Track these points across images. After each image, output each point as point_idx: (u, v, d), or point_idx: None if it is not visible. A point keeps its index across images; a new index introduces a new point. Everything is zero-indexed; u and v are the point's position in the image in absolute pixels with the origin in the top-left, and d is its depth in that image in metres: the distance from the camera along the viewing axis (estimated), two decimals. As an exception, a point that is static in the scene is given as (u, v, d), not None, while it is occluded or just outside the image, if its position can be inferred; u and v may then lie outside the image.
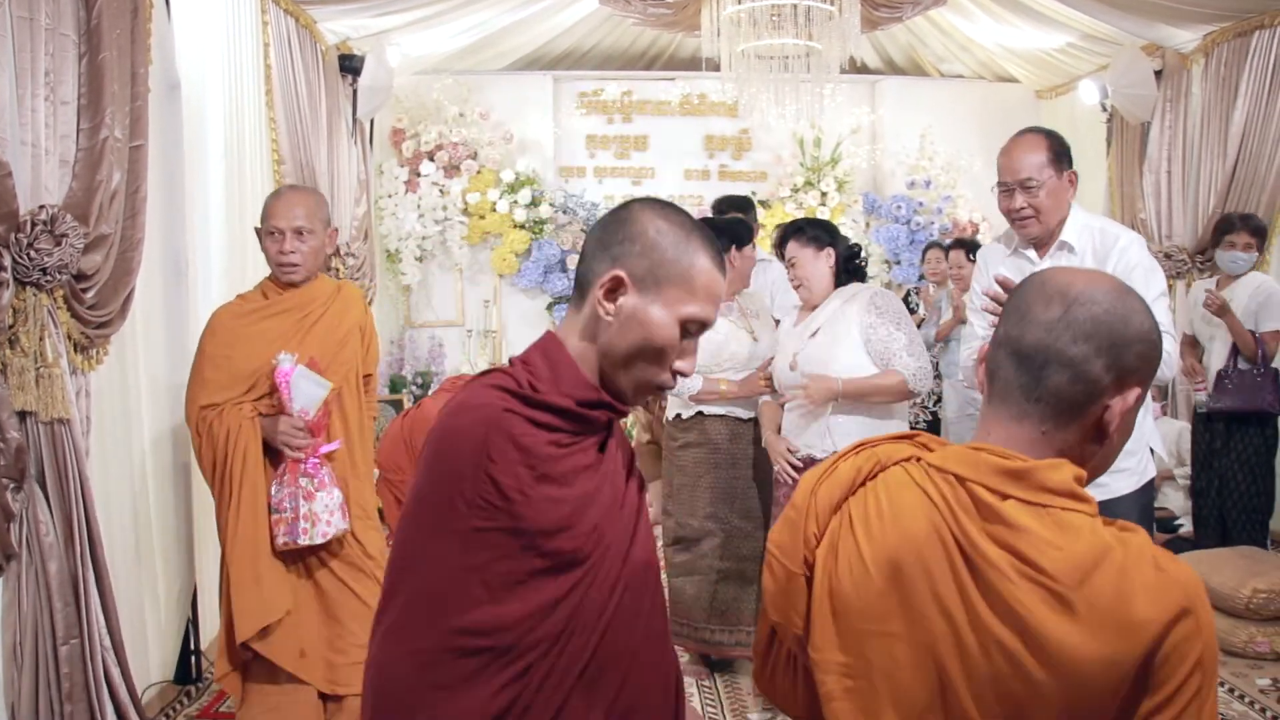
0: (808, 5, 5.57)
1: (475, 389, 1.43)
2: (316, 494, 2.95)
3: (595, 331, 1.46)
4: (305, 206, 3.03)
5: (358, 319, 3.20)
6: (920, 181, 8.01)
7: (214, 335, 3.02)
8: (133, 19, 3.31)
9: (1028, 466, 1.23)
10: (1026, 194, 2.88)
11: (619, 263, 1.44)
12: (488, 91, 7.86)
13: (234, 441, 2.91)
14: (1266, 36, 5.66)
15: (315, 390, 2.93)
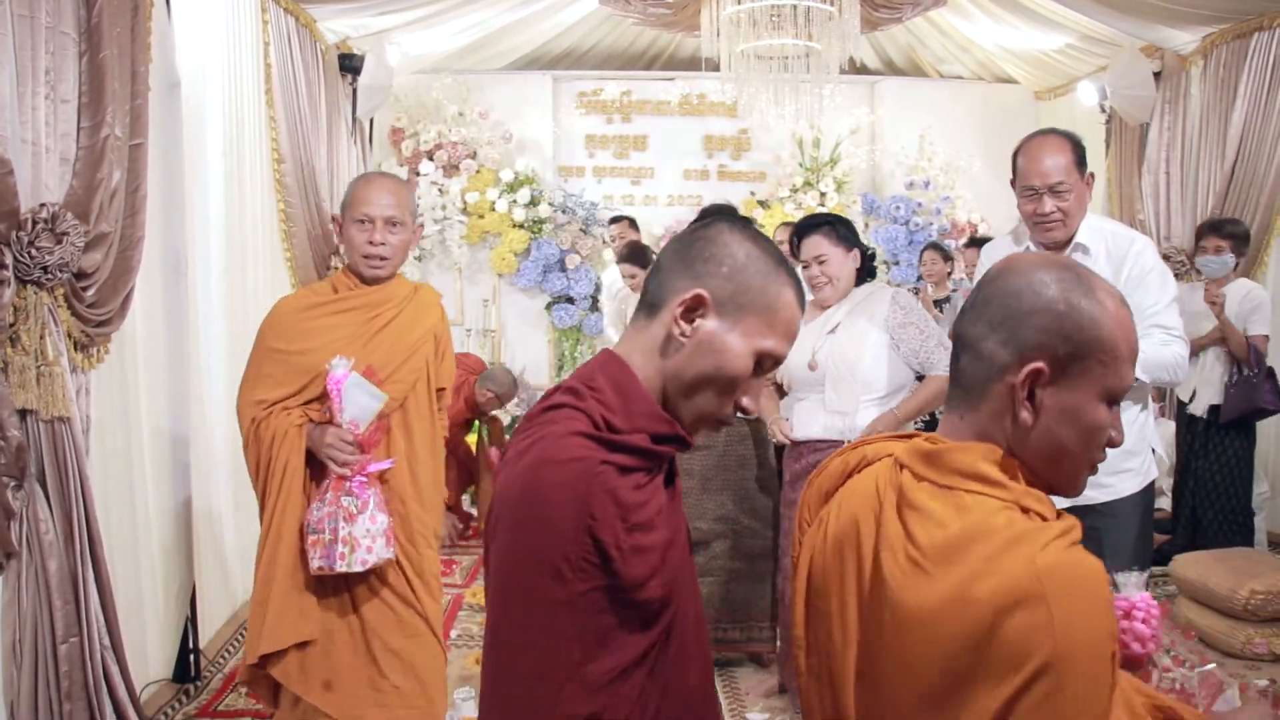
0: (807, 6, 5.58)
1: (557, 438, 1.28)
2: (358, 517, 2.65)
3: (664, 352, 1.36)
4: (397, 195, 2.78)
5: (433, 325, 2.91)
6: (919, 182, 8.02)
7: (273, 327, 2.78)
8: (133, 17, 3.31)
9: (937, 449, 1.26)
10: (1056, 198, 2.82)
11: (701, 281, 1.34)
12: (487, 91, 7.87)
13: (277, 449, 2.68)
14: (1265, 38, 5.67)
15: (368, 401, 2.65)
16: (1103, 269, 2.85)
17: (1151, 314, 2.81)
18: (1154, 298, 2.82)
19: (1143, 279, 2.81)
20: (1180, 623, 4.48)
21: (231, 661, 4.14)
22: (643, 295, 1.41)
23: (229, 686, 3.90)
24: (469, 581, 5.23)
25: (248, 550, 4.73)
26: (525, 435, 1.32)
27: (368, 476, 2.69)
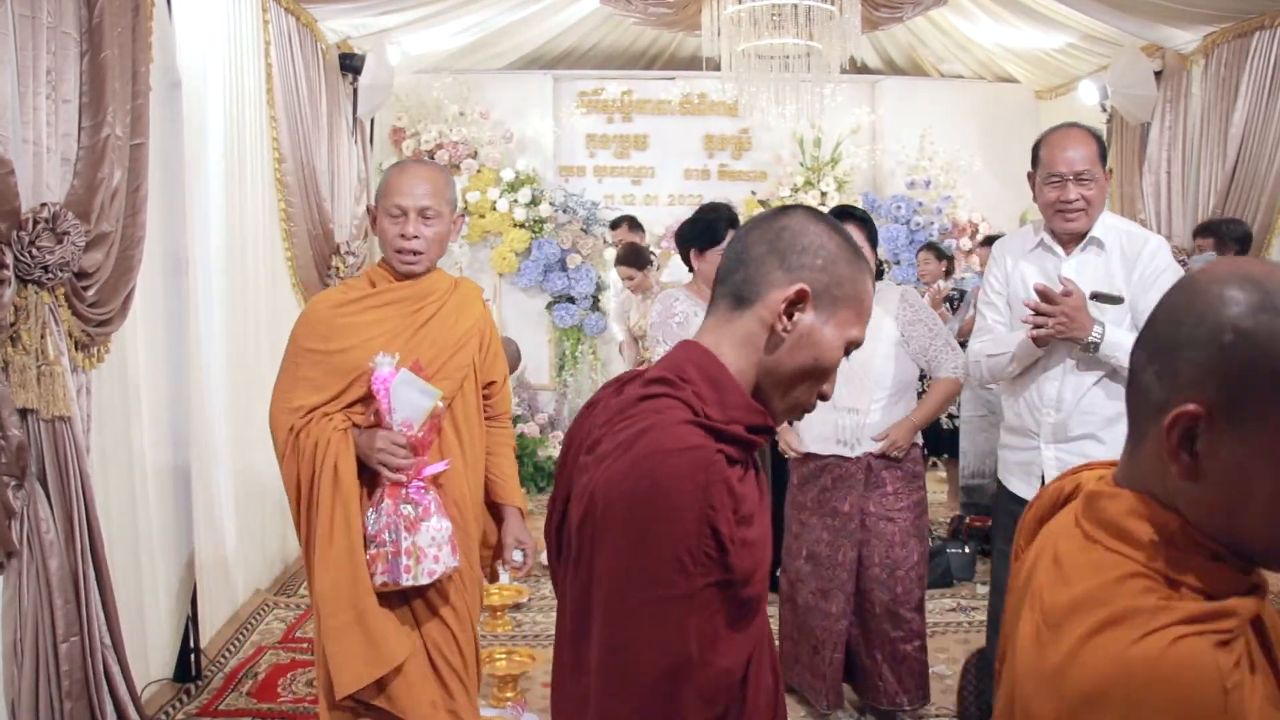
0: (808, 5, 5.58)
1: (669, 427, 1.22)
2: (421, 524, 2.43)
3: (759, 346, 1.33)
4: (432, 184, 2.57)
5: (477, 319, 2.72)
6: (920, 181, 8.02)
7: (307, 326, 2.59)
8: (134, 17, 3.31)
9: (1094, 491, 1.08)
10: (1080, 185, 2.83)
11: (799, 275, 1.32)
12: (488, 90, 7.87)
13: (323, 457, 2.44)
14: (1266, 37, 5.66)
15: (420, 399, 2.42)
16: (1116, 267, 2.86)
17: None
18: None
19: (1155, 280, 2.82)
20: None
21: (232, 661, 4.15)
22: (724, 286, 1.38)
23: (230, 686, 3.90)
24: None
25: (248, 550, 4.77)
26: (622, 427, 1.26)
27: (425, 480, 2.48)
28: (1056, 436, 2.89)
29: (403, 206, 2.55)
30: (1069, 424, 2.86)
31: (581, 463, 1.30)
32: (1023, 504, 2.92)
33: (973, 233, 7.98)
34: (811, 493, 3.55)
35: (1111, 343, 2.72)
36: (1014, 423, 3.04)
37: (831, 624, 3.48)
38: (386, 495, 2.46)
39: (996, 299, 3.07)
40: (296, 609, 4.77)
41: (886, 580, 3.47)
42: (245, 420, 4.73)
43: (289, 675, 3.99)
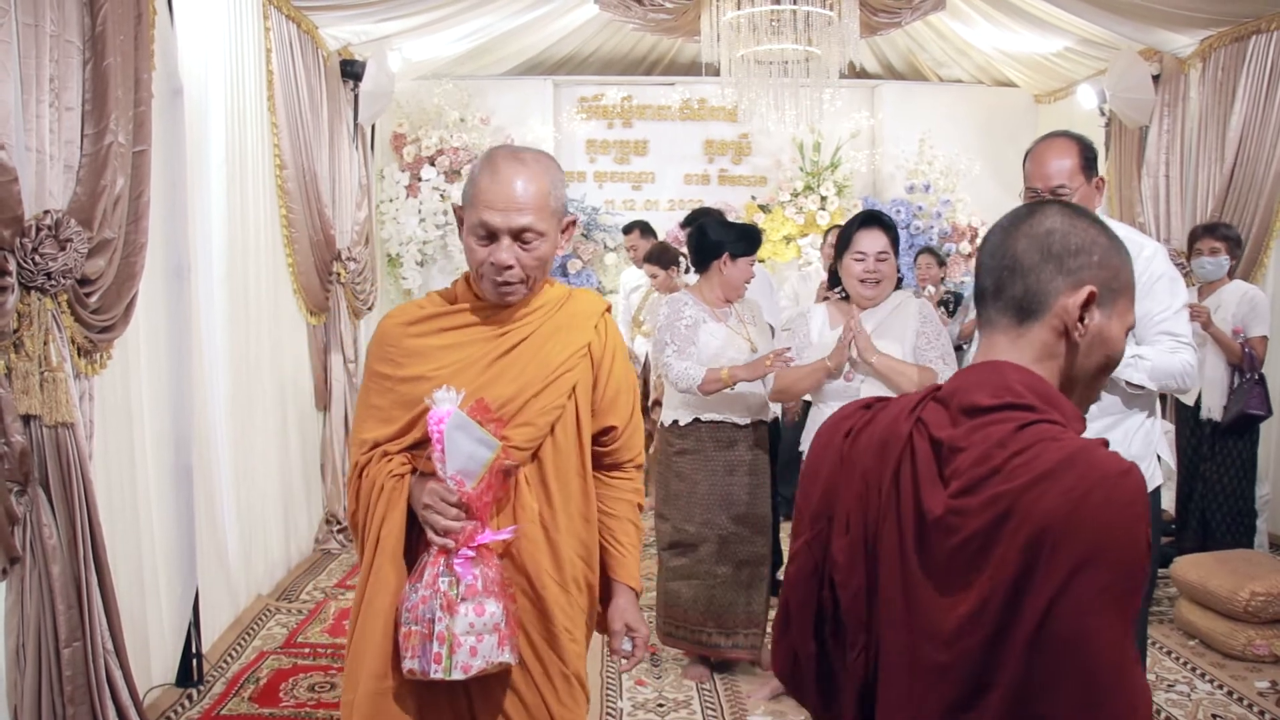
0: (807, 11, 5.60)
1: (1092, 452, 1.18)
2: (459, 606, 1.94)
3: (1058, 355, 1.32)
4: (536, 195, 1.99)
5: (586, 344, 2.15)
6: (919, 186, 8.04)
7: (377, 345, 2.15)
8: (136, 25, 3.33)
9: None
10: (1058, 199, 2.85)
11: (1082, 277, 1.30)
12: (488, 96, 7.90)
13: (372, 506, 2.04)
14: (1263, 41, 5.68)
15: (476, 450, 1.96)
16: None
17: (1160, 321, 2.80)
18: (1163, 304, 2.80)
19: (1151, 286, 2.79)
20: (1180, 624, 4.49)
21: (234, 666, 4.15)
22: (998, 300, 1.35)
23: (232, 691, 3.91)
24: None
25: (250, 555, 4.78)
26: (1022, 457, 1.20)
27: (476, 550, 2.00)
28: None
29: (492, 227, 1.98)
30: None
31: (926, 500, 1.25)
32: None
33: (972, 237, 8.00)
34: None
35: None
36: None
37: None
38: (429, 563, 2.00)
39: None
40: (298, 614, 4.78)
41: None
42: (247, 426, 4.75)
43: (291, 680, 4.00)
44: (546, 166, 2.05)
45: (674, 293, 6.02)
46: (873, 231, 3.49)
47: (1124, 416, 2.84)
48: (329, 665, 4.16)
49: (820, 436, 1.44)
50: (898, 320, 3.54)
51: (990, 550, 1.17)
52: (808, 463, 1.46)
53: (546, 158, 2.07)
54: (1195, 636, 4.39)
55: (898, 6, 5.95)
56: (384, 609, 2.01)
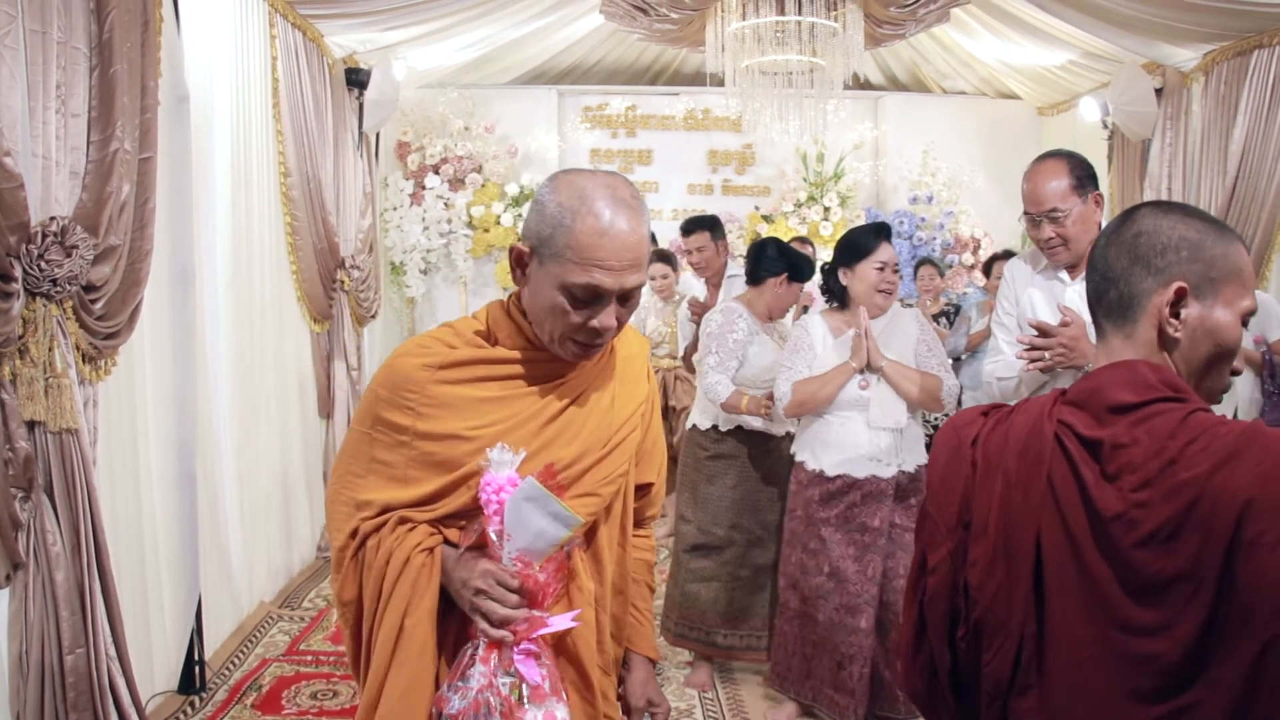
0: (812, 22, 5.61)
1: (1261, 427, 1.25)
2: (526, 711, 1.61)
3: (1166, 351, 1.37)
4: (644, 240, 1.64)
5: (644, 395, 1.88)
6: (923, 197, 8.05)
7: (391, 388, 1.71)
8: (143, 32, 3.34)
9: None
10: (1053, 224, 2.83)
11: (1169, 274, 1.36)
12: (493, 105, 7.92)
13: (389, 589, 1.63)
14: (1265, 55, 5.69)
15: (550, 527, 1.60)
16: None
17: None
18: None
19: None
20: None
21: (237, 673, 4.15)
22: (1100, 308, 1.42)
23: (234, 698, 3.90)
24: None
25: (253, 561, 4.78)
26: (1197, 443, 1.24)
27: (538, 644, 1.65)
28: None
29: (603, 290, 1.61)
30: None
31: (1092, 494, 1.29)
32: None
33: (975, 248, 8.00)
34: (837, 509, 3.54)
35: None
36: None
37: (861, 639, 3.49)
38: (480, 659, 1.63)
39: (1008, 320, 3.10)
40: (301, 621, 4.78)
41: None
42: (251, 434, 4.76)
43: (293, 687, 4.00)
44: (642, 199, 1.68)
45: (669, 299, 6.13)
46: (887, 244, 3.58)
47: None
48: (331, 673, 4.15)
49: (945, 447, 1.48)
50: (897, 329, 3.63)
51: (1181, 537, 1.21)
52: (936, 475, 1.49)
53: (634, 186, 1.69)
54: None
55: (902, 18, 5.96)
56: (412, 708, 1.61)
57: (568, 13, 6.56)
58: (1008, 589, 1.35)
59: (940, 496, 1.46)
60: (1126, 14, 5.64)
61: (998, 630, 1.36)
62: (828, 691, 3.55)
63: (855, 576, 3.49)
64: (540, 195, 1.65)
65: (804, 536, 3.60)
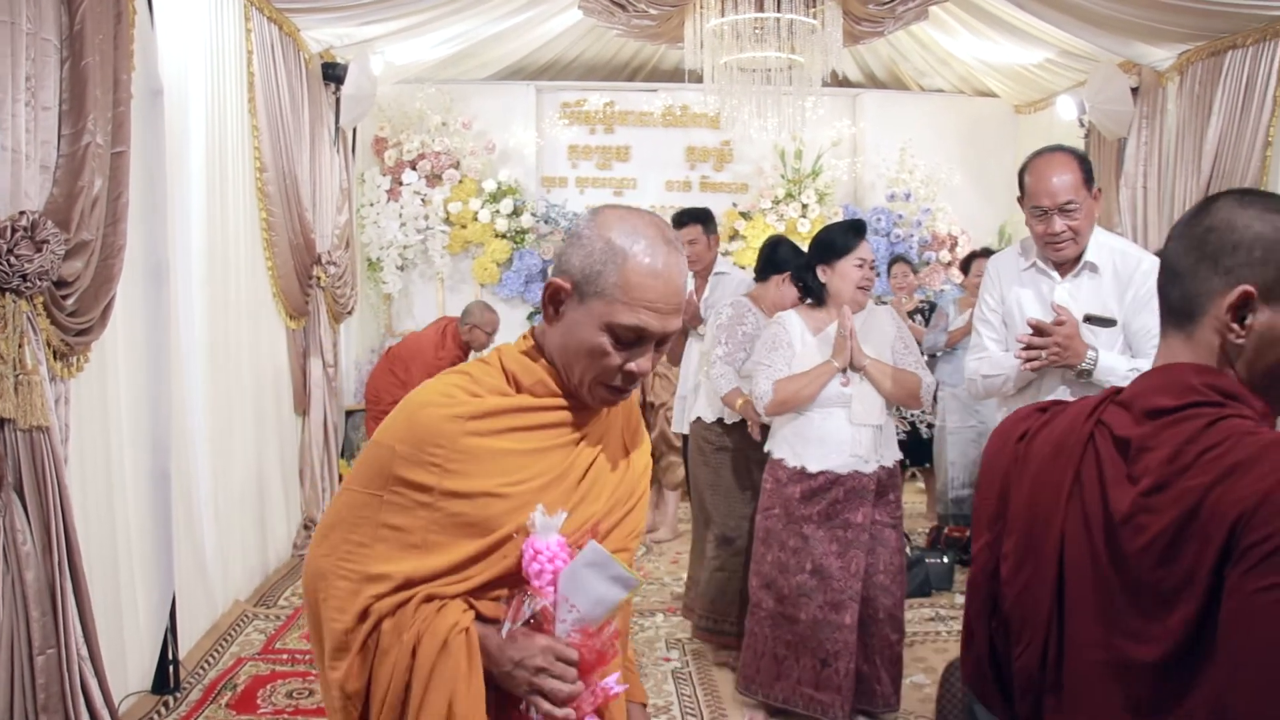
0: (790, 19, 5.61)
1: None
2: None
3: (1227, 358, 1.28)
4: (683, 295, 1.59)
5: (647, 438, 1.82)
6: (900, 194, 8.07)
7: (413, 448, 1.50)
8: (115, 24, 3.30)
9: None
10: (1066, 217, 2.82)
11: (1236, 276, 1.25)
12: (471, 101, 7.88)
13: (422, 678, 1.44)
14: (1239, 56, 5.74)
15: (611, 593, 1.48)
16: (1109, 289, 2.85)
17: (1155, 334, 2.81)
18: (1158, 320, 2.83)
19: (1148, 301, 2.80)
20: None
21: (211, 672, 4.12)
22: (1165, 304, 1.34)
23: (209, 698, 3.87)
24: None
25: (228, 559, 4.74)
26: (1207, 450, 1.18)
27: (599, 716, 1.54)
28: None
29: (650, 333, 1.53)
30: None
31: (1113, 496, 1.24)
32: None
33: (952, 245, 8.04)
34: (818, 506, 3.53)
35: (1105, 367, 2.74)
36: None
37: (846, 635, 3.49)
38: None
39: (992, 316, 3.09)
40: (276, 620, 4.75)
41: (890, 585, 3.58)
42: (225, 431, 4.72)
43: (269, 686, 3.97)
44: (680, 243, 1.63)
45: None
46: (866, 241, 3.61)
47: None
48: (307, 672, 4.13)
49: (995, 440, 1.46)
50: (874, 327, 3.65)
51: (1180, 548, 1.15)
52: (984, 466, 1.47)
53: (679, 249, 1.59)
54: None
55: (881, 16, 5.97)
56: None
57: (546, 8, 6.53)
58: (1034, 584, 1.32)
59: (983, 489, 1.45)
60: (1103, 13, 5.67)
61: (1025, 624, 1.33)
62: (806, 691, 3.53)
63: (839, 573, 3.49)
64: (582, 230, 1.54)
65: (782, 535, 3.58)
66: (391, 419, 1.54)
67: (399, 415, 1.53)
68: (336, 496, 1.57)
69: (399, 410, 1.54)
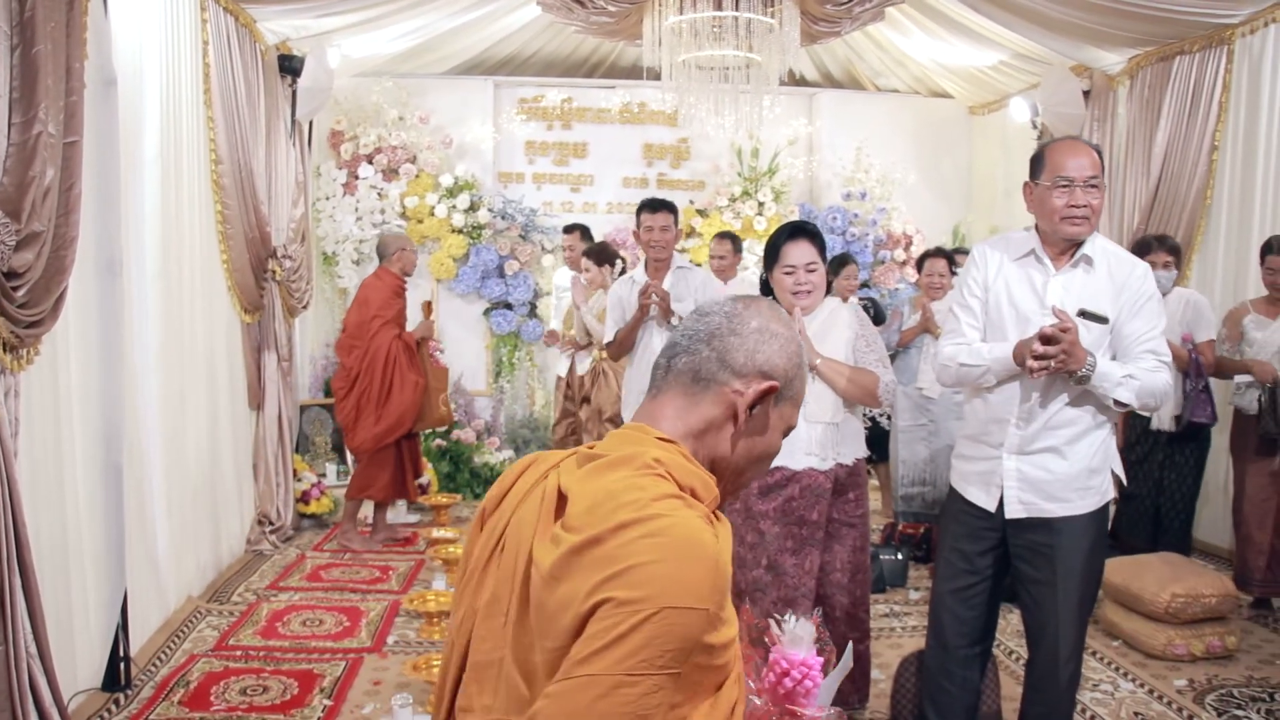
0: (748, 18, 5.65)
1: None
2: None
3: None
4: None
5: None
6: (856, 193, 8.15)
7: (725, 594, 1.23)
8: (68, 12, 3.25)
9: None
10: (1088, 193, 2.84)
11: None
12: (428, 95, 7.85)
13: None
14: (1186, 62, 5.86)
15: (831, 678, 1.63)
16: (1102, 287, 2.87)
17: (1146, 339, 2.87)
18: (1151, 324, 2.88)
19: (1142, 306, 2.86)
20: (1104, 625, 4.60)
21: (163, 669, 4.07)
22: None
23: (161, 695, 3.83)
24: (405, 587, 5.19)
25: (181, 555, 4.69)
26: None
27: None
28: (1021, 448, 2.90)
29: None
30: (1035, 437, 2.88)
31: None
32: (981, 514, 2.96)
33: (906, 244, 8.13)
34: (775, 502, 3.52)
35: (1101, 374, 2.77)
36: (976, 432, 3.03)
37: None
38: None
39: (974, 301, 3.03)
40: (230, 615, 4.70)
41: (848, 585, 3.56)
42: (179, 425, 4.67)
43: (222, 683, 3.94)
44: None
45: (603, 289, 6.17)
46: (800, 244, 3.49)
47: (1093, 428, 2.90)
48: (261, 668, 4.10)
49: None
50: (833, 325, 3.60)
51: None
52: None
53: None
54: (1119, 637, 4.50)
55: (837, 16, 6.02)
56: None
57: (505, 3, 6.53)
58: None
59: None
60: (1055, 17, 5.76)
61: None
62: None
63: (793, 570, 3.51)
64: (772, 328, 1.41)
65: (741, 529, 3.60)
66: (676, 573, 1.16)
67: (689, 566, 1.17)
68: (592, 694, 1.13)
69: (683, 559, 1.17)
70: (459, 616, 1.35)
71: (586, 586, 1.15)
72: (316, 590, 5.15)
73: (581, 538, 1.18)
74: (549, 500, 1.28)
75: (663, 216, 4.82)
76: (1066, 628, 2.91)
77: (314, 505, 6.40)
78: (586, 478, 1.27)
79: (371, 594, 5.11)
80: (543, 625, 1.19)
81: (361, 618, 4.73)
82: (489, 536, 1.35)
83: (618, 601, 1.13)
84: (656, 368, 1.41)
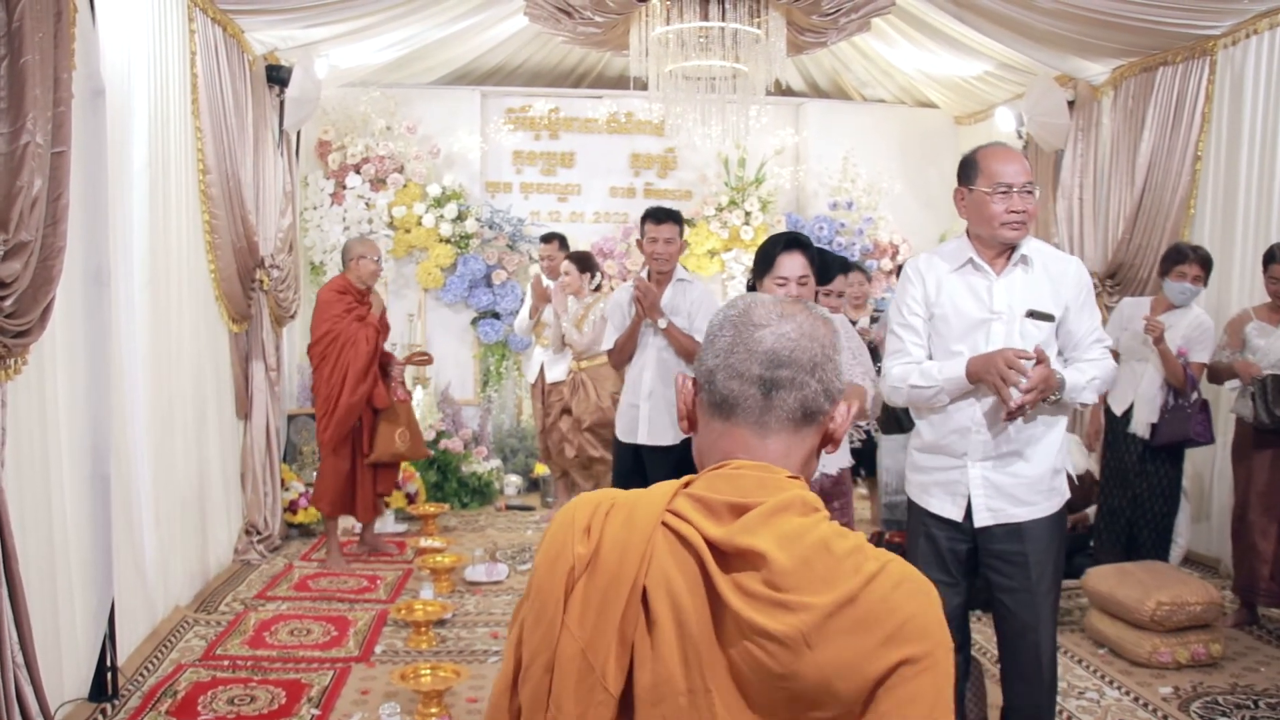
0: (735, 28, 5.68)
1: None
2: None
3: None
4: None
5: None
6: (842, 203, 8.19)
7: None
8: (56, 23, 3.26)
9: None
10: (1025, 198, 2.87)
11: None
12: (415, 105, 7.86)
13: None
14: (1169, 73, 5.92)
15: None
16: (1043, 285, 2.91)
17: (1093, 332, 2.95)
18: (1095, 316, 2.97)
19: (1085, 299, 2.94)
20: (1090, 633, 4.63)
21: (151, 679, 4.06)
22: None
23: (148, 705, 3.82)
24: (393, 597, 5.19)
25: (169, 564, 4.68)
26: None
27: None
28: (985, 454, 2.91)
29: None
30: (997, 442, 2.89)
31: None
32: (948, 525, 2.97)
33: (893, 253, 8.17)
34: None
35: (1071, 387, 2.82)
36: (935, 442, 3.00)
37: None
38: None
39: (915, 320, 3.00)
40: (218, 625, 4.69)
41: None
42: (167, 435, 4.66)
43: (210, 693, 3.93)
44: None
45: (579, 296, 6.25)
46: (795, 256, 3.41)
47: (1053, 427, 2.95)
48: (249, 678, 4.09)
49: None
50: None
51: None
52: None
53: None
54: (1104, 645, 4.52)
55: (824, 26, 6.06)
56: None
57: (492, 14, 6.54)
58: None
59: None
60: (1040, 28, 5.81)
61: None
62: None
63: None
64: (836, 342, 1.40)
65: None
66: (935, 613, 1.19)
67: (934, 602, 1.19)
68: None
69: (930, 598, 1.19)
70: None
71: (864, 648, 1.12)
72: (304, 600, 5.14)
73: (830, 599, 1.13)
74: (707, 558, 1.18)
75: (668, 228, 4.69)
76: (1046, 627, 2.95)
77: (301, 515, 6.38)
78: (761, 528, 1.18)
79: (359, 603, 5.10)
80: (801, 693, 1.13)
81: (349, 627, 4.73)
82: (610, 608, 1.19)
83: (913, 660, 1.13)
84: (745, 397, 1.28)
